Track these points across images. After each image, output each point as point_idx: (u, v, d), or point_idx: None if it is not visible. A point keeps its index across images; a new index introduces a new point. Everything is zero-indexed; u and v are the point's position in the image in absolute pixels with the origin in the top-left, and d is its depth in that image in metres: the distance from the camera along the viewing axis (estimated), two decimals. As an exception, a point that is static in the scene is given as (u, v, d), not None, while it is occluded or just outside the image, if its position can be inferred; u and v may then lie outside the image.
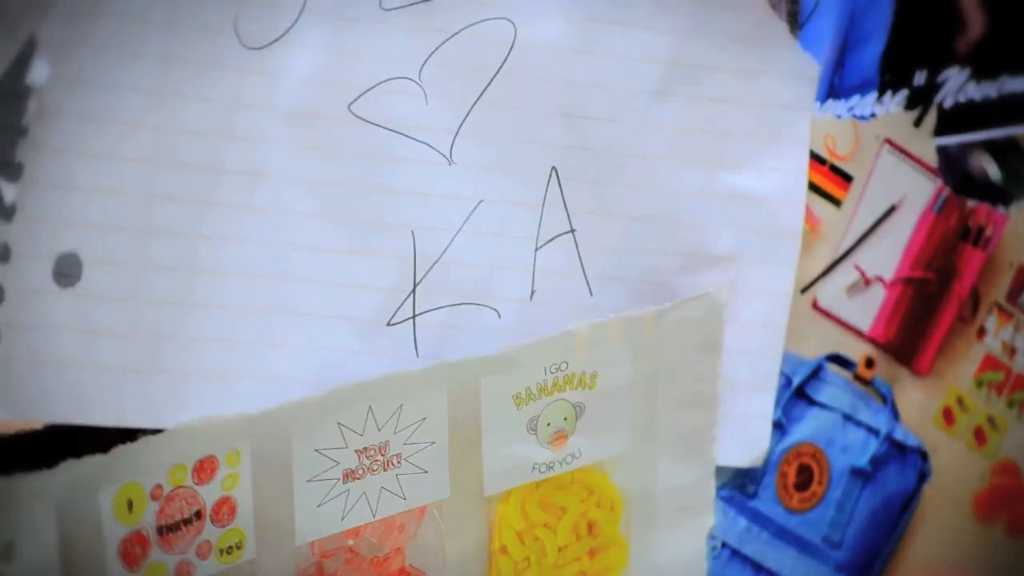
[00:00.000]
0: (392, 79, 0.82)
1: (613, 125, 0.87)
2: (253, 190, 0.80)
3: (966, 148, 1.03)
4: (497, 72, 0.84)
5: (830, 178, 0.96)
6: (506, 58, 0.84)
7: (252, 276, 0.81)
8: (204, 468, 0.77)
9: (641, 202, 0.89)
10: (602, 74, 0.86)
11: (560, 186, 0.87)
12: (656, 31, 0.87)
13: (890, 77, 0.97)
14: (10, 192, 0.73)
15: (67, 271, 0.75)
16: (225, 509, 0.79)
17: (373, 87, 0.82)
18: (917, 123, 1.00)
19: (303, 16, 0.79)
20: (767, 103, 0.90)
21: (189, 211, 0.78)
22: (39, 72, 0.72)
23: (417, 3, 0.81)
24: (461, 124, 0.84)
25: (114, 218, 0.76)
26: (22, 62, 0.71)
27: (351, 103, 0.81)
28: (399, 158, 0.83)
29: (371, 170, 0.83)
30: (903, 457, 1.04)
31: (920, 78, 0.99)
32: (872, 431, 1.02)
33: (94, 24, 0.74)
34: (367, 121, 0.82)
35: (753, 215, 0.92)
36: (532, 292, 0.88)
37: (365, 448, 0.82)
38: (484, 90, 0.84)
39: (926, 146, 1.01)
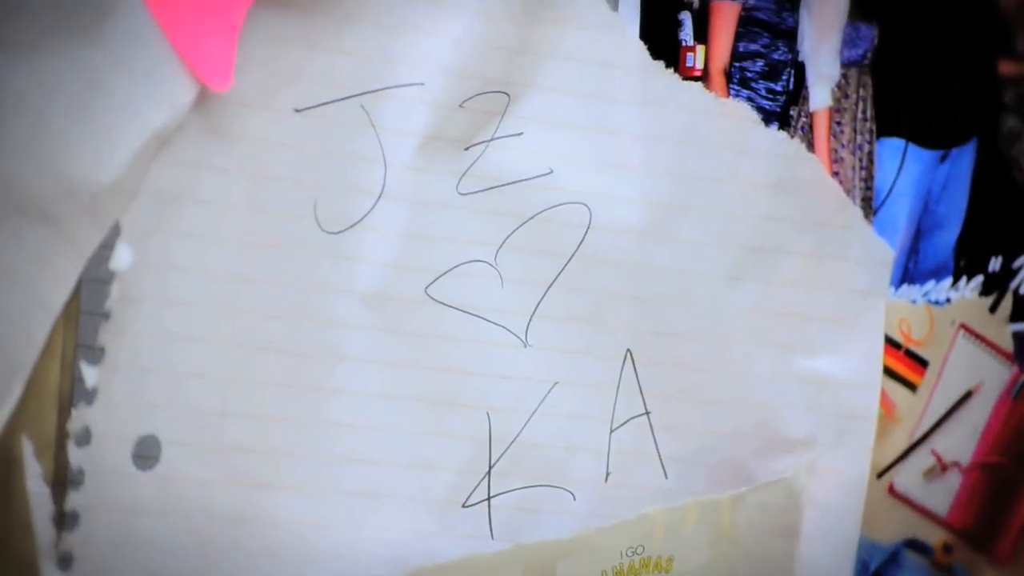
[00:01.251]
0: (468, 262, 0.81)
1: (687, 308, 0.85)
2: (332, 372, 0.78)
3: (1042, 335, 1.00)
4: (572, 256, 0.82)
5: (905, 363, 0.93)
6: (581, 242, 0.82)
7: (330, 458, 0.78)
8: (281, 648, 0.74)
9: (716, 385, 0.86)
10: (677, 258, 0.84)
11: (635, 368, 0.85)
12: (731, 216, 0.85)
13: (965, 263, 0.96)
14: (92, 375, 0.72)
15: (147, 453, 0.73)
16: None
17: (449, 270, 0.80)
18: (993, 309, 0.97)
19: (381, 201, 0.78)
20: (842, 288, 0.88)
21: (268, 393, 0.76)
22: (123, 258, 0.71)
23: (493, 188, 0.80)
24: (536, 307, 0.82)
25: (193, 400, 0.74)
26: (107, 248, 0.71)
27: (428, 286, 0.80)
28: (475, 340, 0.81)
29: (448, 352, 0.81)
30: (982, 644, 1.00)
31: (995, 264, 0.97)
32: (951, 617, 0.98)
33: (177, 211, 0.73)
34: (444, 304, 0.80)
35: (828, 399, 0.88)
36: (607, 474, 0.85)
37: (440, 631, 0.79)
38: (559, 274, 0.82)
39: (1002, 332, 0.98)
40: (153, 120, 0.69)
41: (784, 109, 0.94)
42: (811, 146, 0.88)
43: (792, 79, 0.95)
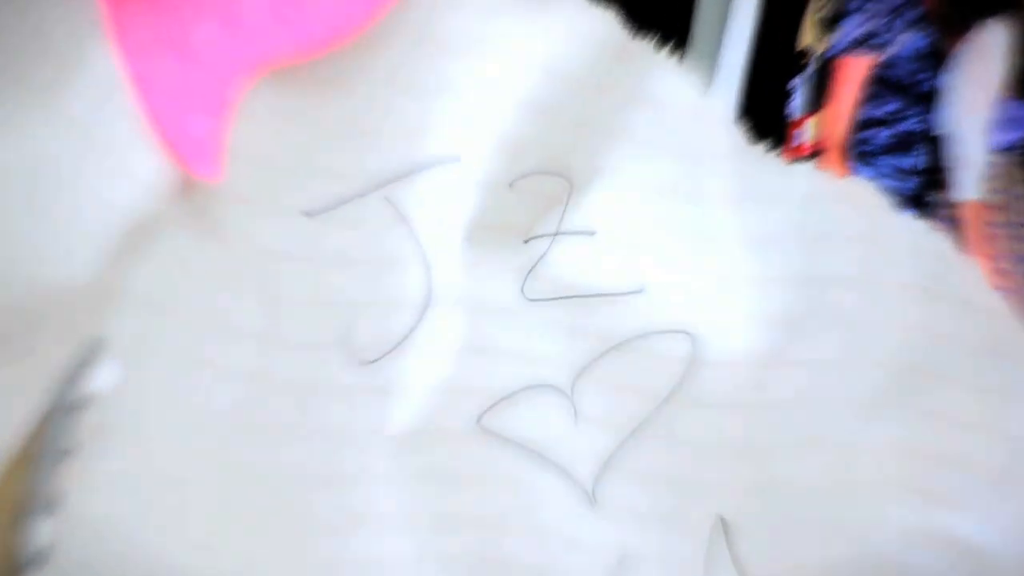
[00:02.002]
0: (535, 386, 0.65)
1: (809, 450, 0.67)
2: (350, 540, 0.63)
3: None
4: (668, 397, 0.66)
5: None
6: (680, 381, 0.66)
7: None
8: None
9: (838, 546, 0.67)
10: (800, 387, 0.67)
11: (727, 539, 0.67)
12: (874, 329, 0.68)
13: None
14: (45, 531, 0.55)
15: None
16: None
17: (510, 395, 0.65)
18: None
19: (427, 313, 0.64)
20: (1004, 431, 0.68)
21: (270, 565, 0.61)
22: (100, 382, 0.56)
23: (570, 297, 0.65)
24: (612, 455, 0.66)
25: (177, 572, 0.59)
26: (84, 368, 0.56)
27: (481, 415, 0.65)
28: (530, 488, 0.65)
29: (495, 503, 0.65)
30: None
31: None
32: None
33: (167, 331, 0.60)
34: (498, 436, 0.65)
35: (978, 568, 0.69)
36: None
37: None
38: (648, 417, 0.66)
39: None
40: (118, 199, 0.57)
41: (918, 193, 0.77)
42: (959, 245, 0.70)
43: (925, 157, 0.78)
